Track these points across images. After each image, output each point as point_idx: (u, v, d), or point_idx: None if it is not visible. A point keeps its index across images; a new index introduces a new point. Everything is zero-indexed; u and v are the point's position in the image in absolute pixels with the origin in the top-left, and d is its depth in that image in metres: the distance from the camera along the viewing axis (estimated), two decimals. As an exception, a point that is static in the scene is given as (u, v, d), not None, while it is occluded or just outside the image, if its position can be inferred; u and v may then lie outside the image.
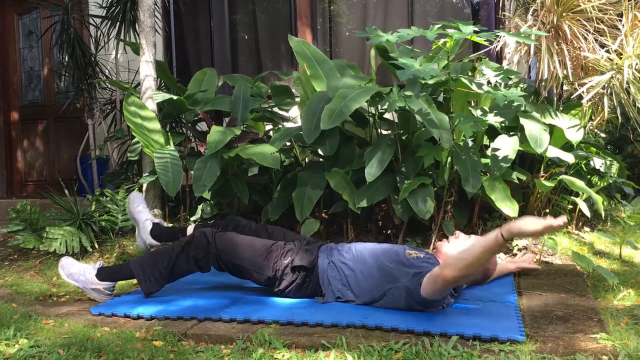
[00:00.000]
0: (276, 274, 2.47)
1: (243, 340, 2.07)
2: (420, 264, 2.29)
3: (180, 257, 2.50)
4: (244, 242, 2.54)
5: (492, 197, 3.11)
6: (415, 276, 2.23)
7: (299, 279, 2.48)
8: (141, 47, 3.65)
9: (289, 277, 2.48)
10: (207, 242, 2.49)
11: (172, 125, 4.21)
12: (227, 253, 2.49)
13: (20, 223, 3.51)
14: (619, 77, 3.24)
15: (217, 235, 2.51)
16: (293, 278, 2.48)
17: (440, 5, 4.82)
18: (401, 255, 2.38)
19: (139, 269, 2.53)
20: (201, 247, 2.49)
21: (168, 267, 2.50)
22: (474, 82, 3.14)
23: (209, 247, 2.48)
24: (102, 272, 2.62)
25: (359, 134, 3.72)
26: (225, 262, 2.50)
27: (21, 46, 5.75)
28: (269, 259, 2.48)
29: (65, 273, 2.62)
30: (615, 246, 3.25)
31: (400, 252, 2.40)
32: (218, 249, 2.48)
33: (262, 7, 5.12)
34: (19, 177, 5.80)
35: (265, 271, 2.48)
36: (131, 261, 2.59)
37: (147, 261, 2.55)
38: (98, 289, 2.61)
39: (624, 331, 2.05)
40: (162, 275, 2.51)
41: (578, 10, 3.36)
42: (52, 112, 5.61)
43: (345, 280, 2.43)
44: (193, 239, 2.51)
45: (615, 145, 5.27)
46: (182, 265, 2.51)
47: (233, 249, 2.50)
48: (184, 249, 2.50)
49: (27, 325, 2.28)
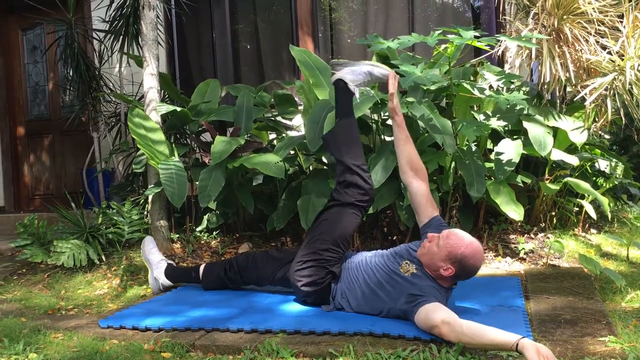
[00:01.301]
0: (320, 265, 2.51)
1: (251, 350, 2.08)
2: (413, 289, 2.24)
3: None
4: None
5: (497, 201, 3.11)
6: (410, 303, 2.20)
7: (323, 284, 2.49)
8: (144, 60, 3.68)
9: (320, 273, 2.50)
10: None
11: (176, 137, 4.23)
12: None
13: (28, 237, 3.54)
14: (622, 78, 3.24)
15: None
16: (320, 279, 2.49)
17: (442, 10, 4.83)
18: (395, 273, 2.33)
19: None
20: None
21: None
22: (476, 87, 3.15)
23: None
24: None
25: (362, 141, 3.72)
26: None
27: (26, 61, 5.80)
28: (341, 246, 2.56)
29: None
30: (623, 248, 3.24)
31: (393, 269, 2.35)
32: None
33: (263, 16, 5.15)
34: (26, 191, 5.83)
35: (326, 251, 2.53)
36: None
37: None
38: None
39: (633, 333, 2.04)
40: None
41: (578, 13, 3.36)
42: (57, 126, 5.65)
43: (348, 292, 2.44)
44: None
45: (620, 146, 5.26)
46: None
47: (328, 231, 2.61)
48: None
49: (37, 340, 2.30)
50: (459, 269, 2.22)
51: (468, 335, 1.95)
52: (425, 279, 2.27)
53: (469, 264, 2.22)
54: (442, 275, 2.24)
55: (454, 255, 2.21)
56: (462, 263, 2.21)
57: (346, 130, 2.78)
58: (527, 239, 3.36)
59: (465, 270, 2.24)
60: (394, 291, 2.29)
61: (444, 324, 2.01)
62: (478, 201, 3.25)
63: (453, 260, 2.21)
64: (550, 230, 3.47)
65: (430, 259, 2.26)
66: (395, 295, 2.28)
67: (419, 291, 2.22)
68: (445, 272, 2.23)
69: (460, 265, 2.21)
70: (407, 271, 2.31)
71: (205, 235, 3.80)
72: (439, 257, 2.23)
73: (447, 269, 2.22)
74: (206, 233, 3.83)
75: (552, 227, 3.51)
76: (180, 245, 3.68)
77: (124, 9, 4.35)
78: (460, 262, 2.21)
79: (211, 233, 3.84)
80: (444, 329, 2.00)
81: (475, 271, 2.28)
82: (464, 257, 2.20)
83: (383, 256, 2.45)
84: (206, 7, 5.11)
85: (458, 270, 2.22)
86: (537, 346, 1.78)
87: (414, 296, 2.21)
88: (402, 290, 2.27)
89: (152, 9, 3.69)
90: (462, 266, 2.22)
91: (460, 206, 3.37)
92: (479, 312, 2.36)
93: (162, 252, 3.56)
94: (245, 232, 3.92)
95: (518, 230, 3.48)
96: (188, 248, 3.61)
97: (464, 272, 2.24)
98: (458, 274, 2.24)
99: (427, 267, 2.29)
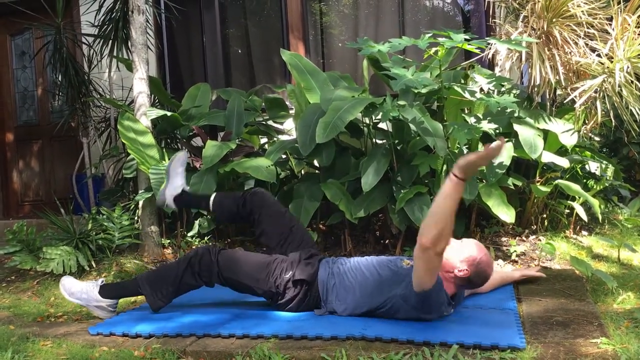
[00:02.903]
0: (278, 289, 2.47)
1: (242, 355, 2.06)
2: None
3: (186, 273, 2.50)
4: (245, 259, 2.54)
5: (489, 203, 3.11)
6: (409, 284, 2.22)
7: (301, 294, 2.48)
8: (134, 65, 3.66)
9: (291, 291, 2.48)
10: (209, 259, 2.49)
11: (167, 142, 4.21)
12: (228, 270, 2.49)
13: (17, 244, 3.49)
14: (611, 80, 3.26)
15: (219, 253, 2.52)
16: (295, 292, 2.47)
17: (432, 14, 4.85)
18: (396, 264, 2.38)
19: (146, 285, 2.53)
20: (205, 264, 2.49)
21: (175, 283, 2.51)
22: (466, 90, 3.15)
23: (212, 265, 2.48)
24: (105, 289, 2.61)
25: (354, 145, 3.72)
26: (226, 279, 2.51)
27: (14, 67, 5.76)
28: (270, 275, 2.48)
29: (67, 292, 2.61)
30: (614, 249, 3.24)
31: (395, 262, 2.41)
32: (220, 267, 2.48)
33: (253, 21, 5.14)
34: (15, 197, 5.78)
35: (266, 287, 2.48)
36: (138, 277, 2.60)
37: (153, 277, 2.56)
38: (101, 306, 2.60)
39: (625, 335, 2.05)
40: (169, 291, 2.52)
41: (568, 16, 3.38)
42: (46, 131, 5.61)
43: (344, 292, 2.43)
44: (197, 255, 2.52)
45: (610, 148, 5.28)
46: (188, 281, 2.51)
47: (234, 266, 2.50)
48: (189, 264, 2.50)
49: (25, 347, 2.27)
50: (474, 273, 2.30)
51: (431, 213, 2.02)
52: None
53: (484, 270, 2.32)
54: (454, 276, 2.30)
55: (473, 258, 2.29)
56: (478, 267, 2.30)
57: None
58: (518, 242, 3.36)
59: (478, 275, 2.32)
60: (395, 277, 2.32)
61: (418, 240, 2.03)
62: (470, 204, 3.25)
63: (470, 263, 2.29)
64: (542, 232, 3.48)
65: (447, 259, 2.29)
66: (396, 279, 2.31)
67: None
68: (460, 273, 2.29)
69: (477, 269, 2.30)
70: (408, 264, 2.36)
71: (196, 241, 3.77)
72: (458, 257, 2.30)
73: (462, 270, 2.29)
74: (197, 238, 3.80)
75: (543, 229, 3.51)
76: (171, 250, 3.65)
77: (113, 13, 4.33)
78: (477, 266, 2.29)
79: (203, 238, 3.82)
80: (422, 240, 2.01)
81: (485, 280, 2.36)
82: (481, 261, 2.30)
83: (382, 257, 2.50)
84: (196, 12, 5.10)
85: (473, 273, 2.30)
86: (466, 155, 1.89)
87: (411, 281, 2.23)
88: (403, 277, 2.29)
89: (142, 13, 3.68)
90: (477, 271, 2.30)
91: (452, 209, 3.36)
92: (471, 315, 2.35)
93: (153, 257, 3.54)
94: (237, 236, 3.90)
95: (510, 232, 3.48)
96: (179, 253, 3.59)
97: (476, 276, 2.32)
98: (471, 277, 2.30)
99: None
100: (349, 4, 4.93)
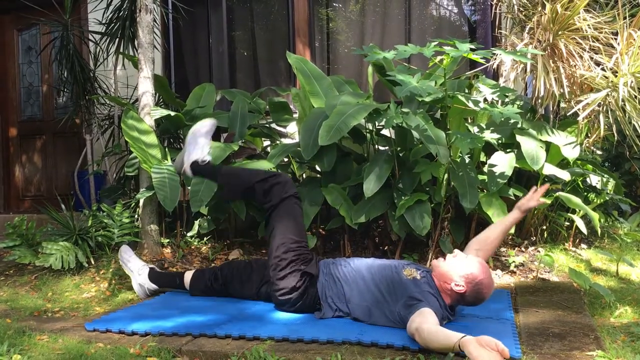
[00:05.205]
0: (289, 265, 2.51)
1: (238, 356, 2.06)
2: (413, 291, 2.27)
3: (258, 185, 2.70)
4: (298, 221, 2.66)
5: (489, 213, 3.11)
6: (407, 308, 2.21)
7: (302, 288, 2.49)
8: (140, 64, 3.67)
9: (294, 278, 2.50)
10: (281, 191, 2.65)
11: (169, 141, 4.21)
12: (283, 213, 2.63)
13: (17, 238, 3.50)
14: (615, 94, 3.27)
15: (289, 197, 2.65)
16: (296, 282, 2.49)
17: (438, 23, 4.86)
18: (398, 274, 2.37)
19: (225, 176, 2.86)
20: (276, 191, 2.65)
21: (244, 185, 2.77)
22: (470, 99, 3.16)
23: (278, 196, 2.65)
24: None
25: (356, 150, 3.73)
26: (274, 218, 2.63)
27: (20, 62, 5.77)
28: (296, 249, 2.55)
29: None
30: (612, 263, 3.24)
31: (397, 271, 2.39)
32: (279, 205, 2.63)
33: (260, 24, 5.16)
34: (17, 192, 5.79)
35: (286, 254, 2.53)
36: (222, 168, 2.94)
37: (233, 172, 2.94)
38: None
39: (621, 348, 2.04)
40: (236, 190, 2.85)
41: (574, 29, 3.39)
42: (50, 127, 5.62)
43: (342, 294, 2.44)
44: (276, 177, 2.70)
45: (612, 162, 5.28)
46: (257, 190, 2.71)
47: (287, 217, 2.62)
48: (266, 180, 2.69)
49: (21, 341, 2.27)
50: (470, 291, 2.27)
51: (427, 339, 1.99)
52: (427, 286, 2.29)
53: (481, 291, 2.28)
54: (450, 289, 2.28)
55: (474, 277, 2.26)
56: (476, 287, 2.27)
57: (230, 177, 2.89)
58: (517, 252, 3.36)
59: (474, 295, 2.28)
60: (395, 291, 2.31)
61: (417, 331, 2.04)
62: (470, 213, 3.25)
63: (469, 281, 2.26)
64: (541, 244, 3.48)
65: (447, 271, 2.29)
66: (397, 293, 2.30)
67: (419, 294, 2.24)
68: (456, 288, 2.27)
69: (474, 288, 2.27)
70: (410, 274, 2.35)
71: (196, 241, 3.78)
72: (458, 272, 2.28)
73: (459, 285, 2.26)
74: (197, 238, 3.81)
75: (542, 241, 3.51)
76: (170, 250, 3.65)
77: (120, 12, 4.34)
78: (475, 285, 2.26)
79: (202, 238, 3.82)
80: (417, 336, 2.04)
81: (480, 302, 2.33)
82: (480, 283, 2.26)
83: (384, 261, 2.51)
84: (203, 12, 5.12)
85: (469, 291, 2.27)
86: (477, 338, 1.84)
87: (413, 299, 2.22)
88: (403, 290, 2.29)
89: (149, 12, 3.69)
90: (475, 290, 2.27)
91: (453, 217, 3.37)
92: (468, 324, 2.35)
93: (152, 256, 3.54)
94: (237, 238, 3.90)
95: (509, 243, 3.48)
96: (178, 253, 3.59)
97: (472, 295, 2.28)
98: (466, 295, 2.28)
99: (437, 277, 2.33)
100: (356, 10, 4.95)
